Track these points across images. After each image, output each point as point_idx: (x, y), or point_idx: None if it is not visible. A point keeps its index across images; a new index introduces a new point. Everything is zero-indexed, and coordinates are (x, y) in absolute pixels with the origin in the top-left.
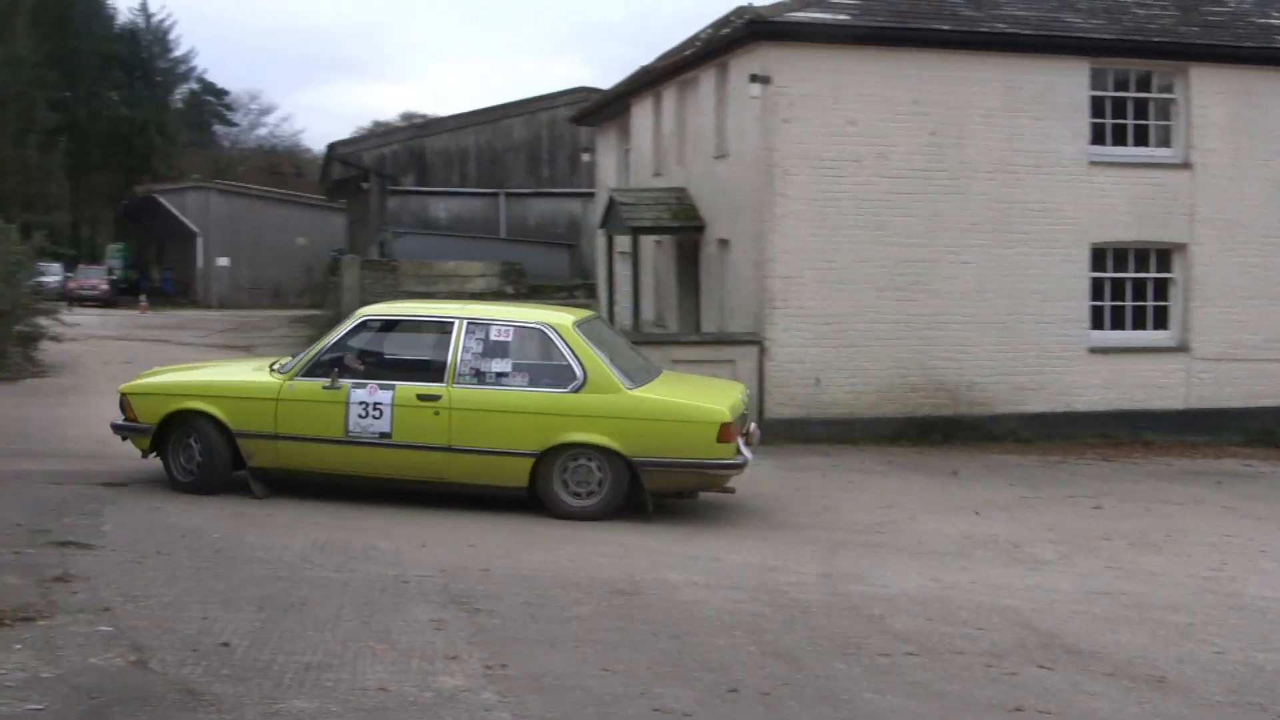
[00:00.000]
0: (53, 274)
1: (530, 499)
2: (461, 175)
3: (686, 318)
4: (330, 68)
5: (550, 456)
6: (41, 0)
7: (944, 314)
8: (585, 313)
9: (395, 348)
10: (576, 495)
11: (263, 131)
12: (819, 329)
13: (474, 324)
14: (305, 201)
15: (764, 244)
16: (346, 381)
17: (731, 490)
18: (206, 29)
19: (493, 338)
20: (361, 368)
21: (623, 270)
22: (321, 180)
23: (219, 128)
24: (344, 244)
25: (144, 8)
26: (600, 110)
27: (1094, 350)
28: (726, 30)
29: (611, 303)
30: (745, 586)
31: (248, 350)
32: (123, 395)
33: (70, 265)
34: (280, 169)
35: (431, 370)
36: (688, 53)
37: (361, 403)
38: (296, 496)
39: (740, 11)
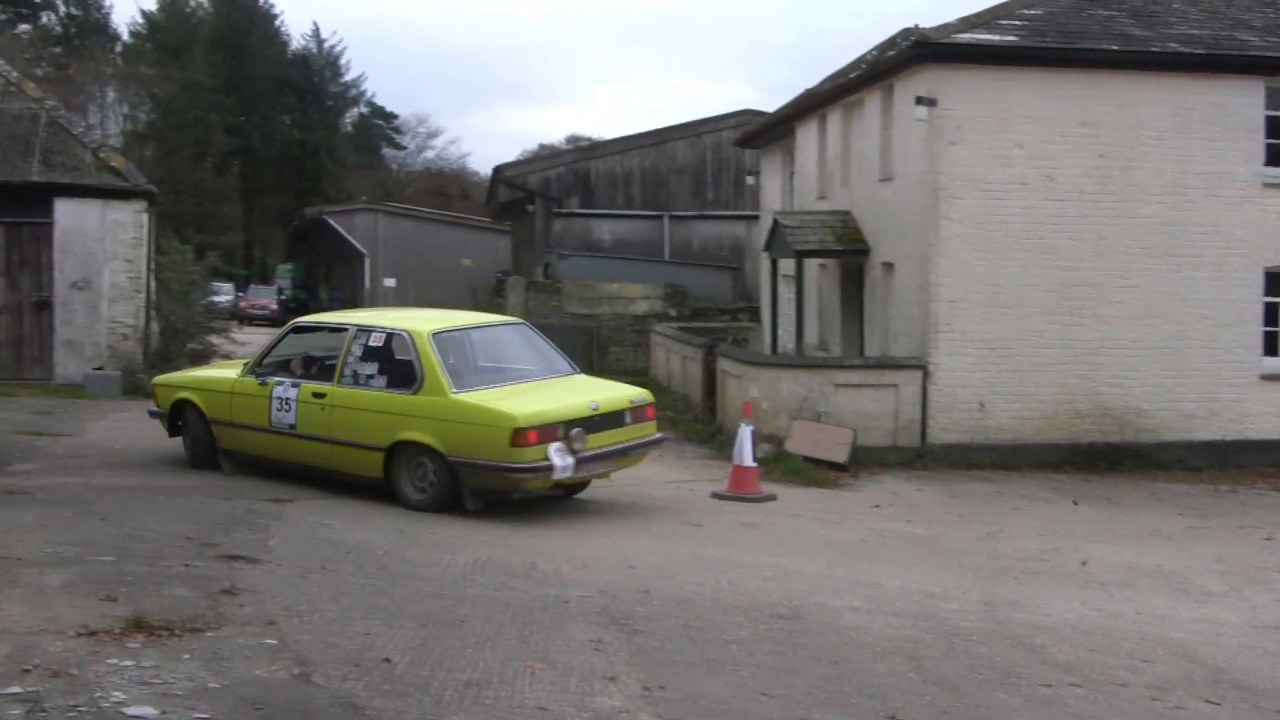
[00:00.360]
0: (225, 293)
1: (388, 490)
2: (626, 198)
3: (850, 341)
4: (498, 91)
5: (397, 452)
6: (218, 28)
7: (1111, 339)
8: (465, 319)
9: (313, 351)
10: (419, 490)
11: (430, 154)
12: (983, 353)
13: (360, 330)
14: (471, 223)
15: (928, 267)
16: (272, 379)
17: (570, 494)
18: (377, 54)
19: (370, 343)
20: (290, 368)
21: (786, 293)
22: (487, 202)
23: (387, 151)
24: (509, 266)
25: (316, 34)
26: (765, 133)
27: (1266, 377)
28: (892, 52)
29: (775, 326)
30: (905, 613)
31: None
32: (152, 386)
33: (242, 285)
34: (447, 191)
35: (328, 371)
36: (853, 75)
37: (279, 398)
38: (460, 517)
39: (906, 33)
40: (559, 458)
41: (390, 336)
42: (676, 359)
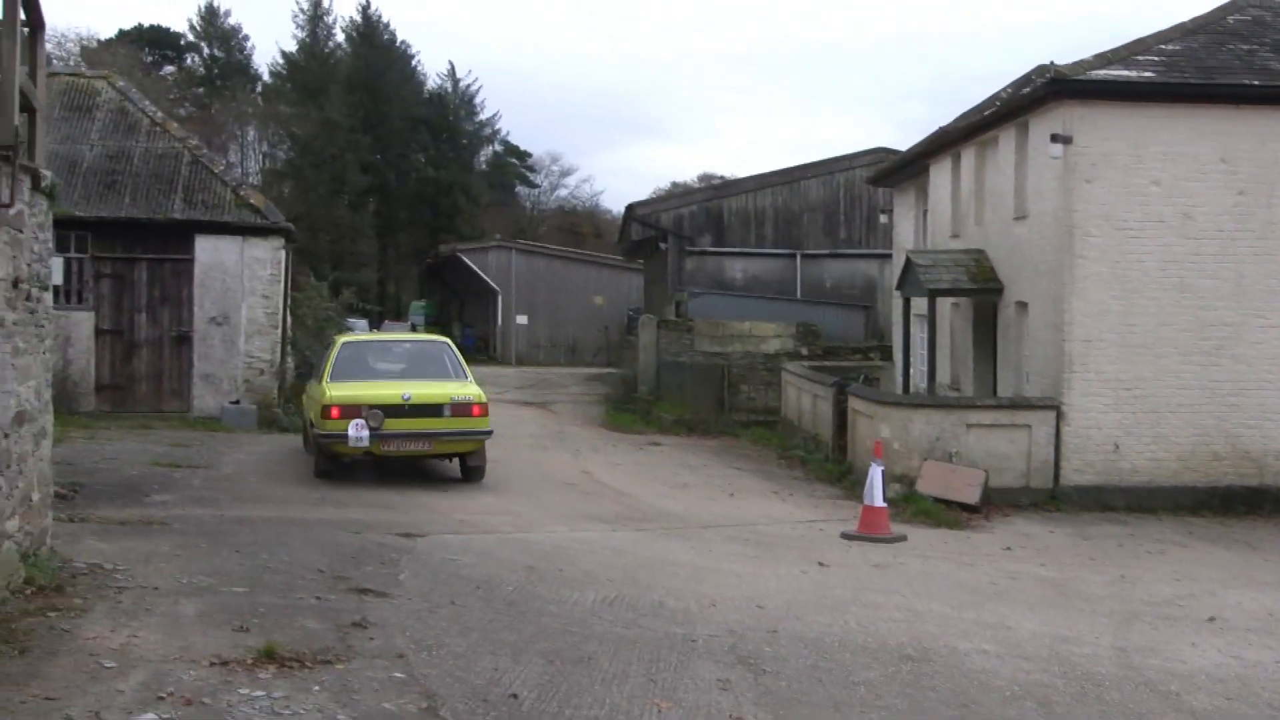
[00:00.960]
0: (359, 329)
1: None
2: (758, 236)
3: (982, 381)
4: (631, 129)
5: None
6: (356, 68)
7: (1250, 380)
8: (390, 335)
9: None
10: (310, 452)
11: (563, 193)
12: (1118, 394)
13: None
14: (603, 261)
15: (1062, 306)
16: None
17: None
18: (511, 93)
19: (325, 349)
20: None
21: (919, 332)
22: (619, 240)
23: (520, 189)
24: (640, 303)
25: (452, 73)
26: (898, 171)
27: None
28: (1027, 89)
29: (907, 365)
30: (1035, 656)
31: (542, 407)
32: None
33: (375, 321)
34: (579, 229)
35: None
36: (987, 112)
37: (306, 394)
38: (586, 554)
39: (1041, 70)
40: (354, 430)
41: (330, 344)
42: (807, 398)
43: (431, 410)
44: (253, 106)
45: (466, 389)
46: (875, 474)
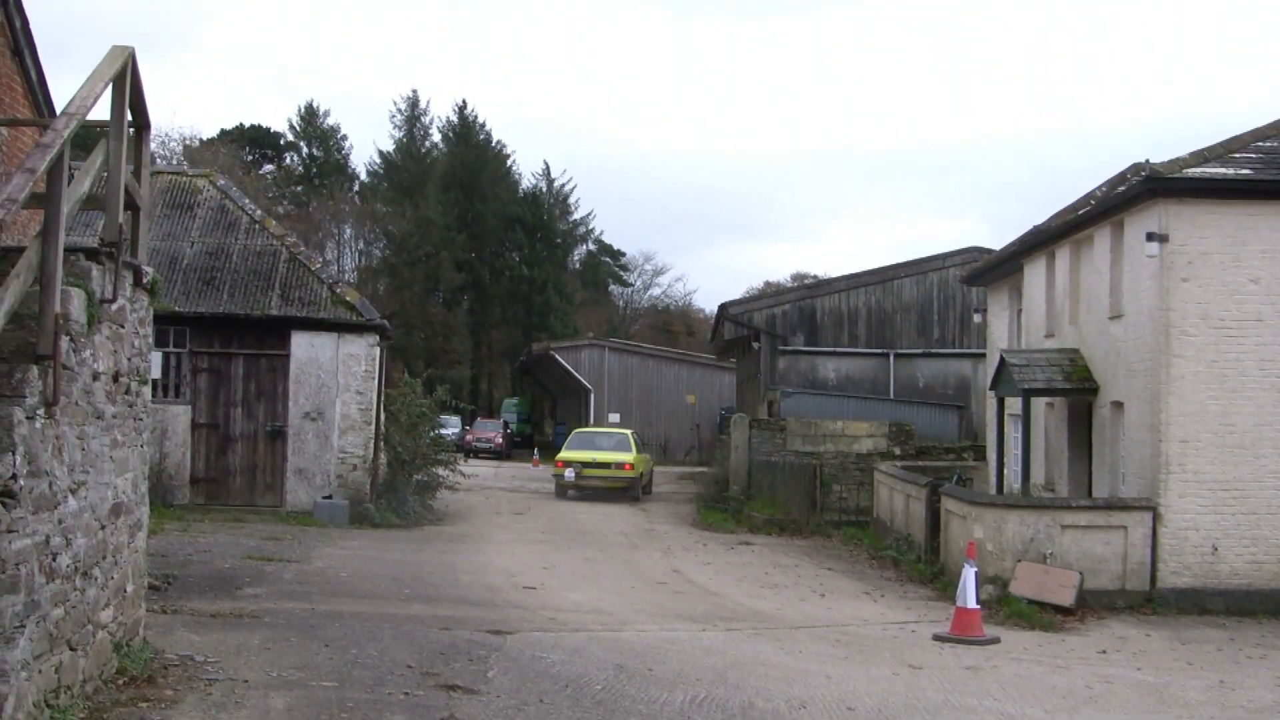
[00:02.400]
0: (452, 426)
1: None
2: (851, 335)
3: (1077, 481)
4: (725, 228)
5: None
6: (452, 167)
7: None
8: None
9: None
10: None
11: (656, 291)
12: (1216, 495)
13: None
14: (695, 360)
15: (1159, 406)
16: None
17: None
18: (606, 192)
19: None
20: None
21: (1013, 432)
22: (712, 339)
23: (614, 287)
24: (733, 402)
25: (546, 173)
26: (992, 270)
27: None
28: (1122, 188)
29: (1001, 465)
30: None
31: (633, 506)
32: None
33: (468, 418)
34: (672, 327)
35: None
36: (1082, 211)
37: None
38: (676, 653)
39: (1136, 168)
40: (568, 473)
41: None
42: (900, 497)
43: (604, 465)
44: (349, 205)
45: (624, 456)
46: (968, 575)
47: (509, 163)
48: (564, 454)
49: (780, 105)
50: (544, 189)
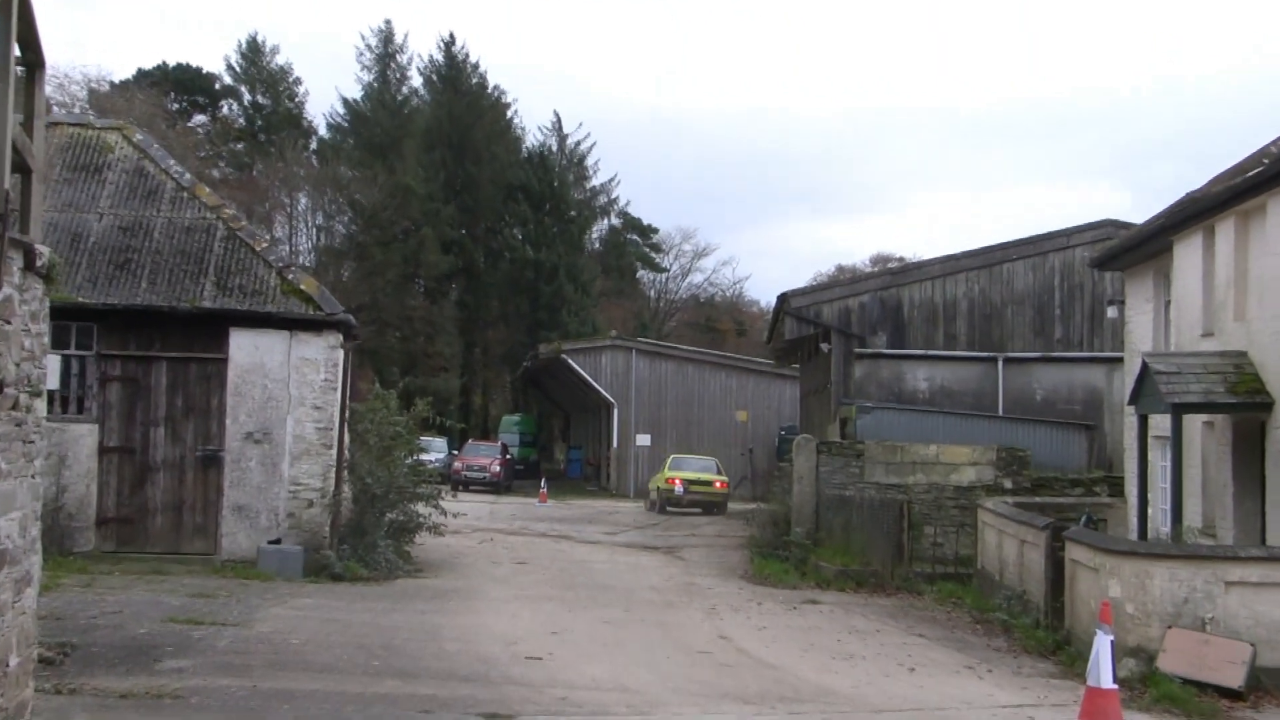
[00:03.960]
0: (436, 451)
1: None
2: (948, 335)
3: (1246, 524)
4: (786, 200)
5: None
6: (436, 120)
7: None
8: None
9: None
10: None
11: (697, 279)
12: None
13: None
14: (748, 366)
15: None
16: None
17: None
18: (633, 154)
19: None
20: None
21: (1159, 460)
22: (769, 340)
23: (644, 273)
24: (795, 420)
25: (557, 128)
26: (1132, 250)
27: None
28: None
29: (1144, 503)
30: None
31: (668, 553)
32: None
33: (458, 440)
34: (717, 325)
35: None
36: (1252, 172)
37: None
38: None
39: None
40: (678, 487)
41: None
42: (1012, 544)
43: (704, 483)
44: (305, 168)
45: (717, 476)
46: (1102, 646)
47: (509, 114)
48: (669, 473)
49: (856, 53)
50: (554, 148)
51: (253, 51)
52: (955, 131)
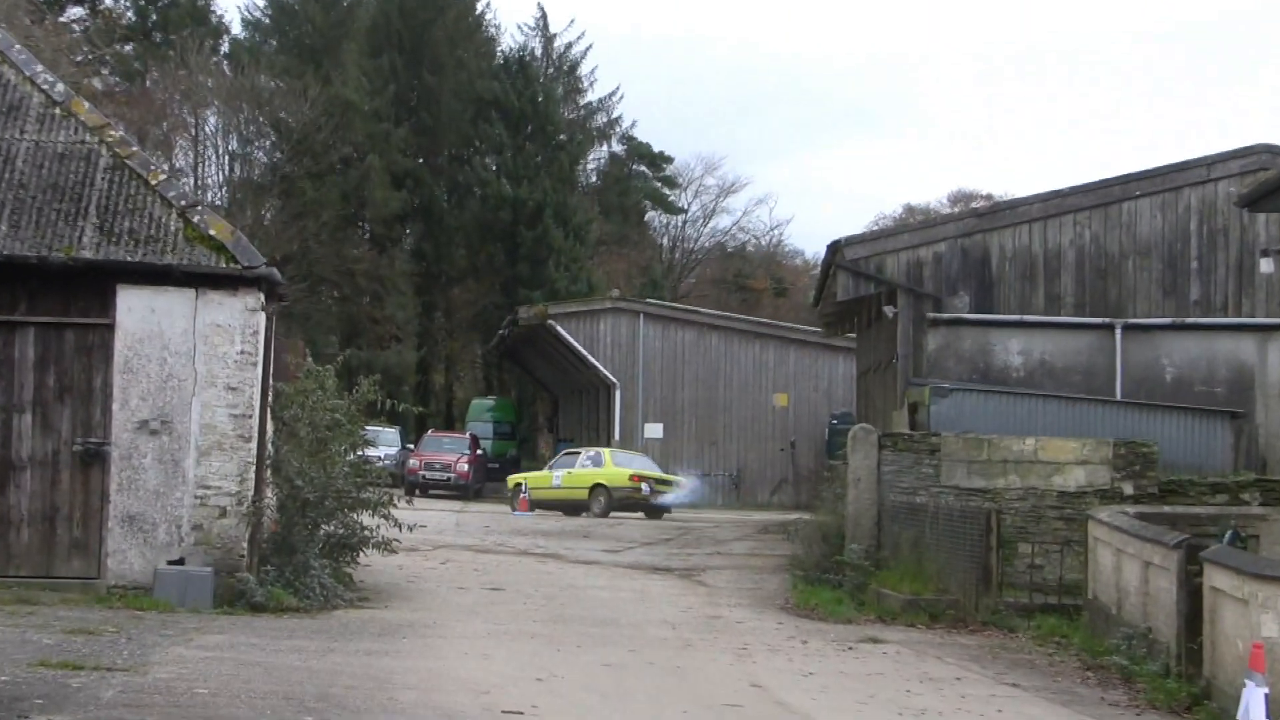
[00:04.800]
0: (386, 444)
1: None
2: (1049, 294)
3: None
4: (838, 123)
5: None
6: (384, 15)
7: None
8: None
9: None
10: None
11: (724, 222)
12: None
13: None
14: (789, 335)
15: None
16: None
17: None
18: (639, 63)
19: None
20: None
21: None
22: (816, 302)
23: (654, 214)
24: (850, 406)
25: (542, 27)
26: None
27: None
28: None
29: None
30: None
31: (685, 577)
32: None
33: (414, 431)
34: (750, 282)
35: None
36: None
37: None
38: None
39: None
40: (645, 487)
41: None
42: (1132, 566)
43: (663, 481)
44: (215, 77)
45: (668, 477)
46: (1254, 700)
47: (479, 8)
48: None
49: None
50: (537, 52)
51: None
52: (1065, 38)
